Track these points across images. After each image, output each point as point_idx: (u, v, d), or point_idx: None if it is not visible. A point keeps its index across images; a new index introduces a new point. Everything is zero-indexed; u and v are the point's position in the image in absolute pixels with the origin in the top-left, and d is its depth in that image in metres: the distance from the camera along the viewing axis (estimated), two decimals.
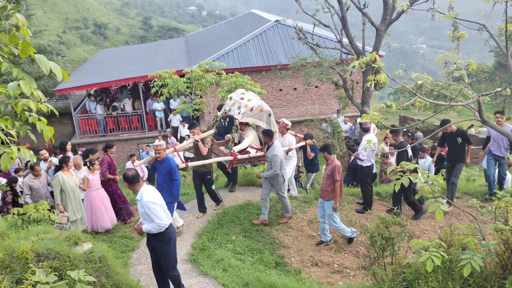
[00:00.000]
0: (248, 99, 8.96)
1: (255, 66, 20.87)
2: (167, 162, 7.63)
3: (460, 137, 9.14)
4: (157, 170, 7.74)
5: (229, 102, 9.13)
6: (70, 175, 8.26)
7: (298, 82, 21.39)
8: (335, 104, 21.78)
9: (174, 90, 11.50)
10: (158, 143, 7.69)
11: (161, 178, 7.67)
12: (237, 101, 8.97)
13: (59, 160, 8.38)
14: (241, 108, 8.84)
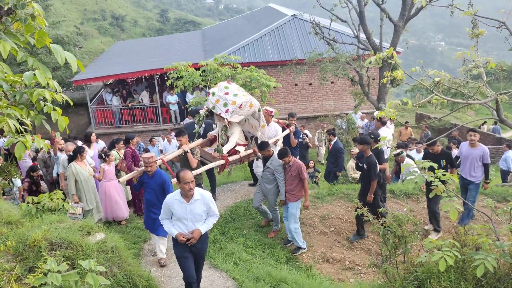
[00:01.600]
0: (234, 93, 8.00)
1: (271, 61, 20.80)
2: (159, 176, 6.81)
3: (445, 159, 8.24)
4: (146, 186, 6.86)
5: (212, 99, 8.06)
6: (84, 165, 8.30)
7: (313, 77, 21.28)
8: (350, 100, 21.63)
9: (189, 82, 11.52)
10: (149, 155, 6.78)
11: (152, 195, 6.80)
12: (221, 97, 7.95)
13: (73, 151, 8.43)
14: (228, 106, 7.84)
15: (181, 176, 5.27)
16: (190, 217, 5.37)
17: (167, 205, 5.43)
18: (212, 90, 8.12)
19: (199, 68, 12.10)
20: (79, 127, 23.25)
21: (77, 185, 8.12)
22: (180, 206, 5.36)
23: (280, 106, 21.20)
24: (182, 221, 5.41)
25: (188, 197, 5.33)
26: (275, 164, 7.85)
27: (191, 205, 5.34)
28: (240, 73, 11.84)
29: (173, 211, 5.40)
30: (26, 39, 3.03)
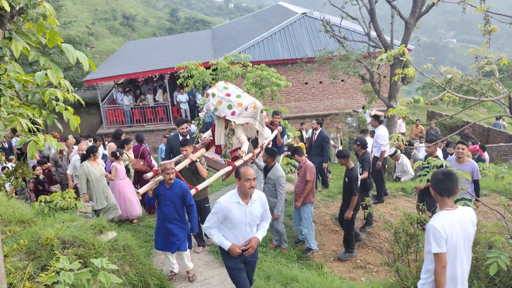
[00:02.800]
0: (237, 95, 7.44)
1: (281, 59, 20.77)
2: (179, 185, 6.06)
3: None
4: (163, 198, 6.05)
5: (212, 100, 7.39)
6: (97, 165, 8.34)
7: (324, 76, 21.22)
8: (361, 98, 21.53)
9: (200, 81, 11.51)
10: (168, 163, 6.03)
11: (170, 208, 6.04)
12: (224, 98, 7.31)
13: (86, 150, 8.48)
14: (233, 108, 7.19)
15: (243, 172, 4.62)
16: (249, 220, 4.76)
17: (223, 212, 4.68)
18: (212, 91, 7.41)
19: (210, 67, 12.09)
20: (90, 127, 23.41)
21: (88, 184, 8.16)
22: (238, 209, 4.70)
23: (290, 105, 21.16)
24: (238, 227, 4.75)
25: (247, 197, 4.73)
26: (277, 175, 7.27)
27: (251, 206, 4.74)
28: (251, 72, 11.81)
29: (230, 217, 4.68)
30: (38, 38, 3.04)
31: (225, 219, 4.72)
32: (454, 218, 3.73)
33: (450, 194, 3.79)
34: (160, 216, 6.17)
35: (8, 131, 3.14)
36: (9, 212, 5.69)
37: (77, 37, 26.59)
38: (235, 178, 4.74)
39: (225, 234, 4.80)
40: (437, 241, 3.64)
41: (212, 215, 4.77)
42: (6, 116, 3.03)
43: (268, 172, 7.42)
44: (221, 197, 4.79)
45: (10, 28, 2.88)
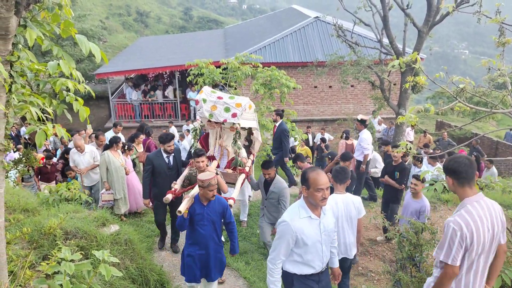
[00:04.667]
0: (229, 96, 7.00)
1: (292, 62, 20.74)
2: (218, 201, 5.21)
3: (399, 172, 8.24)
4: (199, 218, 5.14)
5: (205, 106, 6.85)
6: (117, 155, 8.46)
7: (334, 80, 21.16)
8: (370, 105, 21.44)
9: (210, 80, 11.53)
10: (213, 178, 5.04)
11: (208, 229, 5.15)
12: (217, 102, 6.82)
13: (110, 140, 8.60)
14: (232, 109, 6.71)
15: (313, 178, 3.75)
16: (324, 238, 3.95)
17: (294, 234, 3.78)
18: (201, 97, 6.88)
19: (220, 66, 12.11)
20: (99, 120, 23.51)
21: (108, 173, 8.28)
22: (311, 225, 3.86)
23: (298, 108, 21.13)
24: (312, 249, 3.89)
25: (318, 208, 3.91)
26: (280, 187, 6.76)
27: (324, 219, 3.96)
28: (261, 73, 11.81)
29: (303, 238, 3.80)
30: (52, 28, 3.04)
31: (295, 243, 3.84)
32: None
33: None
34: (194, 239, 5.18)
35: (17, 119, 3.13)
36: (14, 200, 5.71)
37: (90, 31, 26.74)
38: (302, 186, 3.87)
39: (295, 263, 3.94)
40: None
41: (279, 242, 3.84)
42: (16, 104, 3.03)
43: (269, 186, 6.85)
44: (285, 215, 3.90)
45: (25, 16, 2.88)
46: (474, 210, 3.31)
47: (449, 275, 3.38)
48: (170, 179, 6.90)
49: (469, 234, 3.24)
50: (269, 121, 11.81)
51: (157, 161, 7.05)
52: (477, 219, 3.27)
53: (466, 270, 3.40)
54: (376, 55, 16.20)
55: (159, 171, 7.05)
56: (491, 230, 3.34)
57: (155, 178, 7.11)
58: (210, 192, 4.99)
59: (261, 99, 12.33)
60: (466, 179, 3.36)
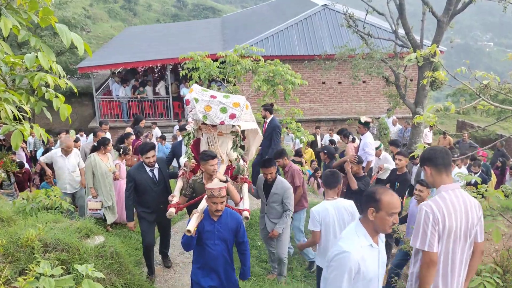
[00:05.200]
0: (224, 95, 6.80)
1: (297, 55, 20.76)
2: (230, 216, 4.97)
3: (400, 182, 8.35)
4: (209, 236, 4.87)
5: (198, 106, 6.60)
6: (106, 159, 8.40)
7: (343, 75, 21.18)
8: (383, 103, 21.46)
9: (206, 75, 11.53)
10: (217, 188, 4.72)
11: (220, 248, 4.90)
12: (211, 102, 6.60)
13: (97, 141, 8.60)
14: (229, 110, 6.54)
15: (388, 201, 3.38)
16: (381, 271, 3.66)
17: (357, 265, 3.38)
18: (192, 96, 6.64)
19: (217, 59, 12.11)
20: (82, 119, 23.52)
21: (94, 179, 8.25)
22: (371, 256, 3.50)
23: (304, 106, 21.14)
24: (371, 284, 3.54)
25: (377, 236, 3.57)
26: (284, 187, 6.70)
27: (381, 247, 3.64)
28: (263, 67, 11.81)
29: (364, 271, 3.41)
30: (30, 16, 3.04)
31: (353, 277, 3.44)
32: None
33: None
34: (203, 262, 4.95)
35: None
36: None
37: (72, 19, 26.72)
38: (369, 209, 3.44)
39: None
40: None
41: (337, 279, 3.41)
42: None
43: (271, 189, 6.78)
44: (342, 243, 3.48)
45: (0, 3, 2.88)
46: (448, 196, 3.66)
47: (427, 264, 3.61)
48: (157, 196, 6.65)
49: (441, 218, 3.57)
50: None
51: (139, 177, 6.62)
52: (449, 205, 3.62)
53: (441, 258, 3.67)
54: (391, 47, 16.22)
55: (143, 188, 6.64)
56: (465, 221, 3.64)
57: (139, 196, 6.72)
58: (213, 205, 4.72)
59: (263, 97, 12.33)
60: (444, 166, 3.72)
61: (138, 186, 6.62)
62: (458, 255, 3.67)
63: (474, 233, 3.72)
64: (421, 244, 3.61)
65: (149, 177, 6.70)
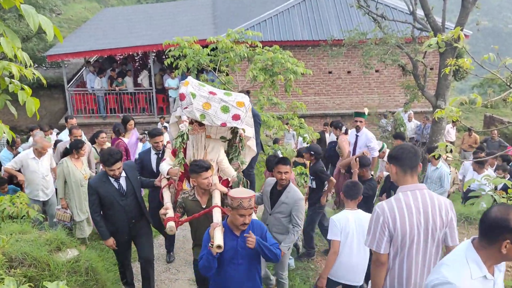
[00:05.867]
0: (225, 92, 6.68)
1: (300, 40, 20.78)
2: (256, 227, 4.83)
3: (394, 190, 8.50)
4: (232, 253, 4.69)
5: (195, 103, 6.31)
6: (80, 164, 8.23)
7: (353, 64, 21.17)
8: (399, 95, 21.49)
9: (194, 63, 11.51)
10: (246, 198, 4.53)
11: (242, 269, 4.76)
12: (211, 99, 6.38)
13: (70, 144, 8.36)
14: (231, 109, 6.35)
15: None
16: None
17: None
18: (188, 90, 6.37)
19: (208, 45, 12.11)
20: (52, 115, 23.48)
21: (66, 188, 8.11)
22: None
23: (308, 99, 21.16)
24: None
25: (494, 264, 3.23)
26: (295, 197, 6.34)
27: (498, 279, 3.29)
28: (260, 54, 11.80)
29: None
30: None
31: None
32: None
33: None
34: (222, 285, 4.83)
35: None
36: None
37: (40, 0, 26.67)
38: (504, 241, 3.01)
39: None
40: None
41: None
42: None
43: (280, 196, 6.42)
44: (445, 272, 3.17)
45: None
46: (404, 197, 4.01)
47: (375, 263, 4.11)
48: (126, 210, 6.38)
49: (392, 220, 3.94)
50: (270, 117, 11.81)
51: (103, 189, 6.27)
52: (403, 207, 3.96)
53: (396, 260, 4.06)
54: (408, 31, 16.24)
55: (109, 202, 6.31)
56: (424, 223, 3.95)
57: (105, 212, 6.43)
58: (239, 218, 4.52)
59: (260, 89, 12.32)
60: (409, 167, 4.06)
61: (103, 200, 6.28)
62: (415, 259, 4.01)
63: (441, 236, 4.04)
64: (370, 243, 4.08)
65: (115, 189, 6.33)
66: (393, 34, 15.29)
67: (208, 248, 4.55)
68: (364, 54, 15.64)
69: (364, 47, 15.68)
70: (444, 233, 4.05)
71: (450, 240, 4.07)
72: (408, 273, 4.03)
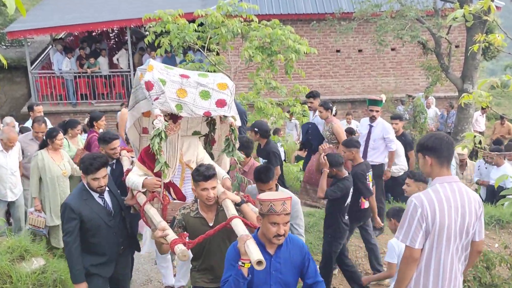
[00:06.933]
0: (200, 73, 6.27)
1: (303, 13, 20.75)
2: (294, 244, 4.48)
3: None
4: (262, 276, 4.31)
5: (168, 91, 5.80)
6: (59, 157, 8.12)
7: (365, 41, 21.16)
8: (419, 78, 21.48)
9: (179, 41, 11.48)
10: (278, 195, 4.37)
11: None
12: (186, 84, 5.94)
13: (46, 134, 8.21)
14: (213, 94, 5.96)
15: None
16: None
17: None
18: (157, 77, 5.83)
19: (195, 20, 12.08)
20: (13, 101, 23.40)
21: (41, 185, 8.00)
22: None
23: (313, 82, 21.14)
24: None
25: None
26: (298, 209, 6.17)
27: None
28: (257, 30, 11.78)
29: None
30: None
31: None
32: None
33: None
34: None
35: None
36: None
37: None
38: None
39: None
40: None
41: None
42: None
43: None
44: None
45: None
46: (443, 189, 4.15)
47: (406, 259, 4.25)
48: (114, 234, 5.82)
49: (431, 213, 4.07)
50: (268, 103, 11.81)
51: (87, 210, 5.58)
52: (443, 199, 4.10)
53: (429, 257, 4.20)
54: (430, 2, 16.23)
55: (96, 226, 5.64)
56: (461, 218, 4.13)
57: (88, 239, 5.68)
58: (272, 228, 4.15)
59: (257, 70, 12.31)
60: (447, 159, 4.24)
61: (87, 224, 5.55)
62: (451, 255, 4.18)
63: (472, 232, 4.25)
64: (403, 237, 4.20)
65: (101, 207, 5.74)
66: (412, 5, 15.28)
67: (238, 267, 4.14)
68: (378, 30, 15.62)
69: (378, 21, 15.66)
70: (475, 228, 4.26)
71: (477, 235, 4.31)
72: (443, 271, 4.20)
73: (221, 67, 12.37)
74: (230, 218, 4.91)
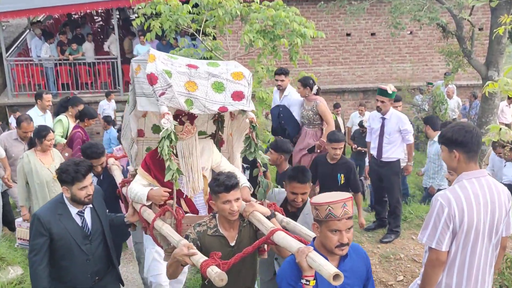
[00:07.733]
0: (209, 62, 5.96)
1: None
2: (357, 252, 4.26)
3: (343, 174, 8.40)
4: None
5: (175, 85, 5.41)
6: (48, 159, 7.96)
7: (378, 24, 21.15)
8: (439, 64, 21.48)
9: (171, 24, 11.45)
10: (338, 196, 3.99)
11: None
12: (195, 75, 5.59)
13: (34, 133, 8.03)
14: (228, 86, 5.62)
15: None
16: None
17: None
18: (161, 68, 5.44)
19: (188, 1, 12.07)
20: None
21: (28, 191, 7.91)
22: None
23: (320, 70, 21.15)
24: None
25: None
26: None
27: None
28: (258, 12, 11.75)
29: None
30: None
31: None
32: None
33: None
34: None
35: None
36: None
37: None
38: None
39: None
40: None
41: None
42: None
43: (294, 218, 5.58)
44: None
45: None
46: (471, 185, 4.19)
47: (432, 263, 4.27)
48: (89, 262, 5.43)
49: (459, 213, 4.10)
50: (270, 93, 11.80)
51: (58, 227, 5.22)
52: (471, 196, 4.14)
53: (455, 259, 4.25)
54: None
55: (66, 247, 5.27)
56: (491, 215, 4.19)
57: (56, 263, 5.34)
58: (333, 236, 3.90)
59: (258, 57, 12.30)
60: (476, 152, 4.28)
61: (55, 244, 5.20)
62: (478, 257, 4.23)
63: (501, 230, 4.34)
64: (428, 239, 4.23)
65: (76, 227, 5.35)
66: None
67: (302, 287, 3.90)
68: (392, 11, 15.62)
69: (392, 1, 15.67)
70: (503, 225, 4.35)
71: (505, 230, 4.40)
72: (469, 274, 4.25)
73: (218, 53, 12.36)
74: (271, 231, 4.61)
